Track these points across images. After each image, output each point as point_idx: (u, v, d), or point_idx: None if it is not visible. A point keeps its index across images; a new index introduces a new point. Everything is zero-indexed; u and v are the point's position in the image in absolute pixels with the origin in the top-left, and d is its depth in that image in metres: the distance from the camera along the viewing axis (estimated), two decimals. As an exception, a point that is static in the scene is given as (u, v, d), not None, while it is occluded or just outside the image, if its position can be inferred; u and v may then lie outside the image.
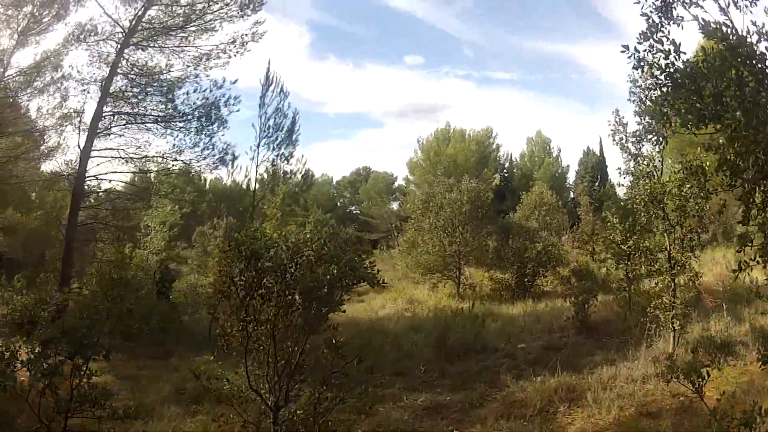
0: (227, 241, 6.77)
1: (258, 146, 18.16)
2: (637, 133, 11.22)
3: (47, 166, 18.17)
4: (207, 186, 21.46)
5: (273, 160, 18.19)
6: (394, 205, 53.48)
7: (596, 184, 45.16)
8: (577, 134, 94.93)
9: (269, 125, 18.06)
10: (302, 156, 19.21)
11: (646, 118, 11.26)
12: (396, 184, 56.69)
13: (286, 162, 18.52)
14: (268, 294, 6.37)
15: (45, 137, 17.23)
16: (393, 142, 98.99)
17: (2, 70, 15.84)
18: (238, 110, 17.47)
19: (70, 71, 16.09)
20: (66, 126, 16.24)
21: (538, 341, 13.00)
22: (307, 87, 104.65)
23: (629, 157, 11.67)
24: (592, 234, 28.94)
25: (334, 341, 6.48)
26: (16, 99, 16.44)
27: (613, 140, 11.93)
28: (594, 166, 48.63)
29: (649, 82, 11.32)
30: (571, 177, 51.02)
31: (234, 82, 17.49)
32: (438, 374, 11.05)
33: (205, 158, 17.06)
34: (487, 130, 48.89)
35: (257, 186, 19.49)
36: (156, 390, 10.48)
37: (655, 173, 11.08)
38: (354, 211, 61.56)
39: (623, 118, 11.85)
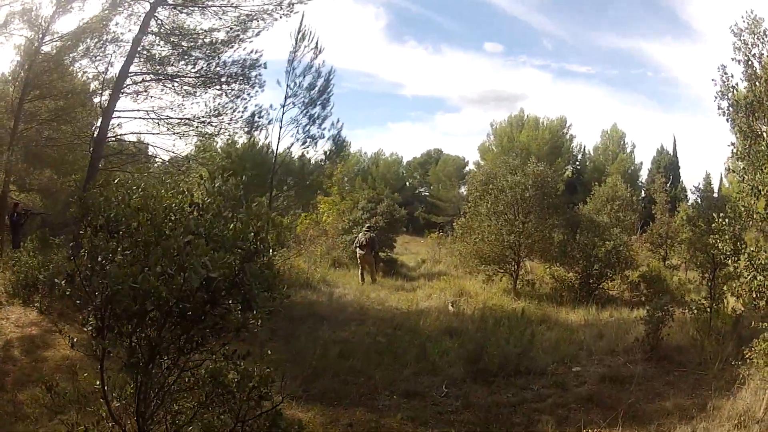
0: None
1: (284, 106, 15.42)
2: (750, 101, 7.74)
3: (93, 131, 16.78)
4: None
5: (304, 125, 15.37)
6: (463, 190, 50.14)
7: (668, 184, 40.73)
8: (649, 132, 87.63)
9: (297, 83, 15.28)
10: (338, 120, 16.26)
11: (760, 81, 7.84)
12: (467, 168, 53.16)
13: (317, 126, 15.69)
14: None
15: (87, 101, 15.96)
16: (468, 128, 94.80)
17: (42, 34, 14.49)
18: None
19: (112, 35, 14.39)
20: (107, 90, 14.52)
21: (597, 365, 9.92)
22: (385, 68, 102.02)
23: (743, 134, 7.77)
24: (667, 237, 25.15)
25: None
26: (60, 63, 14.99)
27: (719, 108, 8.13)
28: (667, 166, 44.13)
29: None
30: (643, 175, 46.65)
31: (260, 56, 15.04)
32: (461, 402, 8.12)
33: (236, 122, 14.85)
34: (561, 119, 45.24)
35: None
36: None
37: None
38: (423, 193, 58.43)
39: (731, 77, 8.12)
